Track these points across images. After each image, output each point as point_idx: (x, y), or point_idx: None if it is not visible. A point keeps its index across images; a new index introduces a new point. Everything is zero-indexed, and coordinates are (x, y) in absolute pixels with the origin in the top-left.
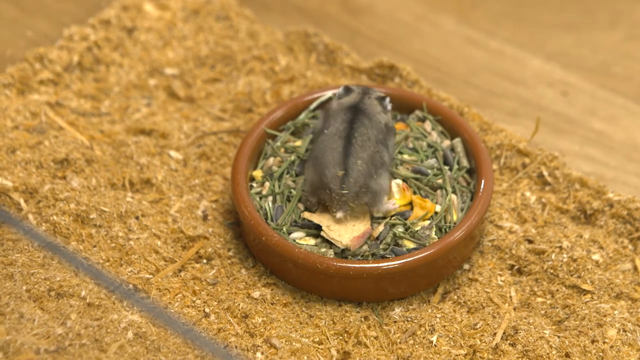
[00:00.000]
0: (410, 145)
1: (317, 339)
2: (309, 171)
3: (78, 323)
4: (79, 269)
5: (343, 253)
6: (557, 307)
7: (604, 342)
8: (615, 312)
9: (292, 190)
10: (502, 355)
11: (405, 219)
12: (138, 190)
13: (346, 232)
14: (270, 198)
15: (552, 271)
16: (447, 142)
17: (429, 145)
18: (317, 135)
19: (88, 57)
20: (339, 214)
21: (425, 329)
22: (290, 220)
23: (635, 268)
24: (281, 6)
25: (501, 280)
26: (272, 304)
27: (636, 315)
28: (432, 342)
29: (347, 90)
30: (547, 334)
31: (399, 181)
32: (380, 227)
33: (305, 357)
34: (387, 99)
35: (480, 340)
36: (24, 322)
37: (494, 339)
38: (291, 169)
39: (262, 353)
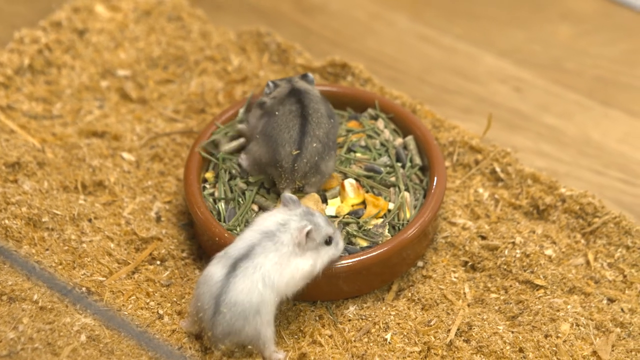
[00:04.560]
0: (363, 144)
1: None
2: (258, 147)
3: (30, 327)
4: (31, 273)
5: None
6: (510, 303)
7: (557, 337)
8: (569, 306)
9: (244, 192)
10: (456, 352)
11: (358, 217)
12: (91, 193)
13: None
14: (224, 200)
15: (505, 267)
16: (399, 140)
17: (382, 144)
18: (264, 120)
19: (39, 59)
20: (286, 192)
21: (380, 327)
22: (244, 221)
23: (587, 262)
24: (233, 6)
25: (455, 277)
26: None
27: (589, 309)
28: (386, 339)
29: (275, 85)
30: (500, 329)
31: (352, 180)
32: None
33: (261, 358)
34: (309, 74)
35: (435, 337)
36: None
37: (448, 335)
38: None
39: (217, 354)
